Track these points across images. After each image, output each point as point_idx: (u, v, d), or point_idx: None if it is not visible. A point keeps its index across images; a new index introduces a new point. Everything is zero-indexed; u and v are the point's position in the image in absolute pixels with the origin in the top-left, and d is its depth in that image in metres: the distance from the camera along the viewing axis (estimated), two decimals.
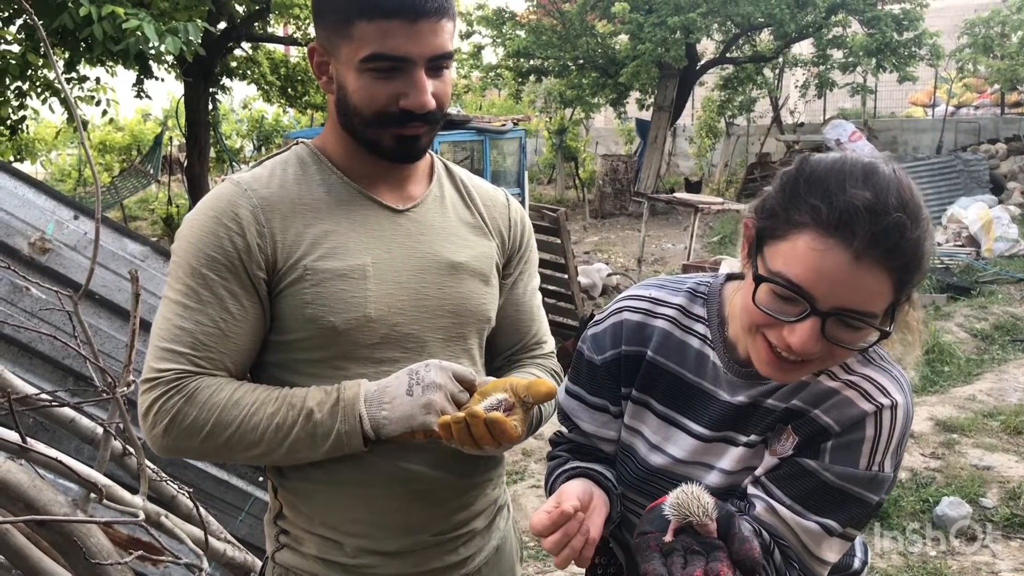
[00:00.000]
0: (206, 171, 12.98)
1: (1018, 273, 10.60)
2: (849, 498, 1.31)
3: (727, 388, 1.41)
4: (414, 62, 1.43)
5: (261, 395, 1.46)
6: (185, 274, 1.46)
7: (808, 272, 1.18)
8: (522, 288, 1.74)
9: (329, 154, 1.58)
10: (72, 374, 2.78)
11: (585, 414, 1.54)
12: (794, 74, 20.19)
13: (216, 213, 1.47)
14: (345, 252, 1.50)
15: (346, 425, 1.43)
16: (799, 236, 1.19)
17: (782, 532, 1.31)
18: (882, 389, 1.32)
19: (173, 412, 1.43)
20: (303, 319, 1.48)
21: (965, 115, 20.14)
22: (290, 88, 15.00)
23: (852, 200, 1.16)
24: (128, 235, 3.06)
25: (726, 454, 1.41)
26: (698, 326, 1.46)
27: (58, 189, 3.62)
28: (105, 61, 9.46)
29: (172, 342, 1.45)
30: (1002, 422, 5.94)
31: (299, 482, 1.57)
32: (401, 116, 1.47)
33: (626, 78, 16.88)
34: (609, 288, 10.44)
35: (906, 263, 1.18)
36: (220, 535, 2.41)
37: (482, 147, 12.07)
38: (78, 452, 2.49)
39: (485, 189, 1.73)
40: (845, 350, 1.24)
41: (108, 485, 1.96)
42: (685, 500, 1.15)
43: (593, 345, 1.52)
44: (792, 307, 1.21)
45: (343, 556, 1.57)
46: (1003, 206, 13.70)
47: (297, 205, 1.51)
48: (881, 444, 1.30)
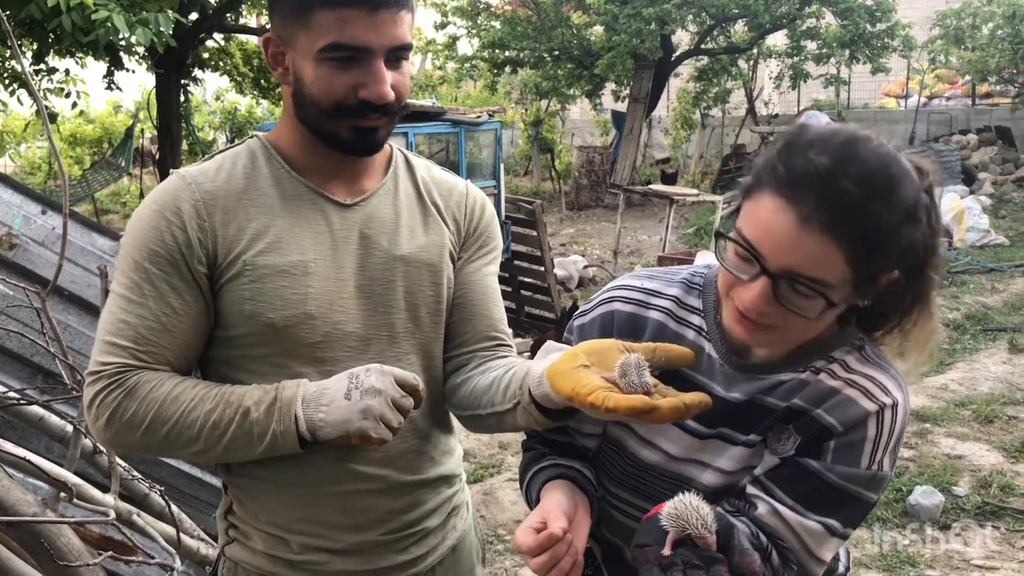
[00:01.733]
0: (179, 164, 12.85)
1: (989, 263, 10.72)
2: (850, 498, 1.30)
3: (722, 382, 1.39)
4: (373, 52, 1.42)
5: (200, 391, 1.45)
6: (129, 268, 1.46)
7: (759, 230, 1.22)
8: (478, 267, 1.67)
9: (282, 148, 1.56)
10: (41, 371, 2.74)
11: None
12: (768, 65, 20.29)
13: (159, 207, 1.47)
14: (287, 248, 1.48)
15: (281, 426, 1.42)
16: (762, 196, 1.23)
17: (783, 534, 1.30)
18: (883, 388, 1.31)
19: (114, 406, 1.42)
20: (243, 315, 1.47)
21: (937, 106, 20.34)
22: (263, 79, 14.88)
23: (810, 165, 1.19)
24: (97, 230, 3.03)
25: (724, 452, 1.38)
26: (694, 318, 1.44)
27: (28, 183, 3.58)
28: (74, 52, 9.34)
29: (115, 336, 1.44)
30: (973, 411, 6.01)
31: (245, 480, 1.57)
32: (359, 107, 1.45)
33: (601, 69, 16.90)
34: (585, 280, 10.46)
35: (858, 236, 1.18)
36: (193, 532, 2.39)
37: (457, 139, 12.01)
38: (48, 450, 2.46)
39: (444, 179, 1.70)
40: (800, 317, 1.23)
41: (78, 484, 1.94)
42: (683, 511, 1.13)
43: (580, 335, 1.48)
44: (749, 267, 1.24)
45: (289, 552, 1.57)
46: (974, 196, 13.86)
47: (242, 199, 1.50)
48: (882, 443, 1.30)
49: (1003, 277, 10.19)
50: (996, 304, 9.04)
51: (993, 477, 4.97)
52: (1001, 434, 5.69)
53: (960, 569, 4.14)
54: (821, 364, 1.34)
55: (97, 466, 2.26)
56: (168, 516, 2.20)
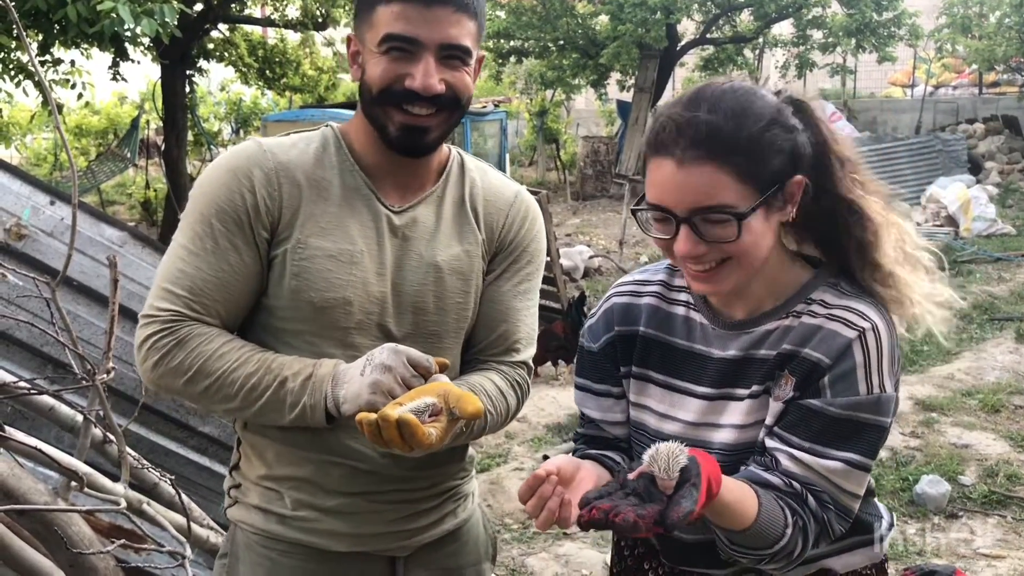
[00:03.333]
0: (184, 155, 12.84)
1: (996, 252, 10.70)
2: (860, 426, 1.36)
3: (718, 344, 1.49)
4: (424, 45, 1.50)
5: (246, 353, 1.53)
6: (195, 220, 1.54)
7: (656, 190, 1.36)
8: (504, 286, 1.70)
9: (351, 140, 1.64)
10: (51, 361, 2.76)
11: (591, 402, 1.62)
12: (774, 55, 20.19)
13: (232, 167, 1.56)
14: (339, 235, 1.56)
15: (312, 399, 1.49)
16: (648, 167, 1.38)
17: (811, 478, 1.37)
18: (860, 314, 1.39)
19: (164, 351, 1.51)
20: (286, 289, 1.55)
21: (944, 95, 20.26)
22: (268, 70, 14.83)
23: (668, 120, 1.35)
24: (106, 220, 3.03)
25: (733, 409, 1.46)
26: (681, 295, 1.56)
27: (34, 174, 3.58)
28: (80, 43, 9.31)
29: (172, 283, 1.53)
30: (980, 400, 6.01)
31: (257, 436, 1.64)
32: (404, 95, 1.51)
33: (607, 59, 16.83)
34: (591, 270, 10.44)
35: (730, 151, 1.30)
36: (203, 522, 2.40)
37: (463, 130, 12.02)
38: (58, 440, 2.48)
39: (494, 186, 1.74)
40: (729, 244, 1.33)
41: (89, 473, 1.95)
42: (660, 453, 1.21)
43: (590, 336, 1.62)
44: (669, 225, 1.36)
45: (282, 507, 1.63)
46: (981, 186, 13.82)
47: (309, 179, 1.58)
48: (873, 366, 1.37)
49: (1010, 266, 10.17)
50: (1003, 294, 9.02)
51: (1000, 466, 4.97)
52: (1008, 424, 5.68)
53: (966, 558, 4.14)
54: (801, 308, 1.44)
55: (107, 455, 2.27)
56: (178, 505, 2.21)
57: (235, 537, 1.70)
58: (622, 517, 1.16)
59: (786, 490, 1.37)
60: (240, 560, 1.68)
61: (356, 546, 1.65)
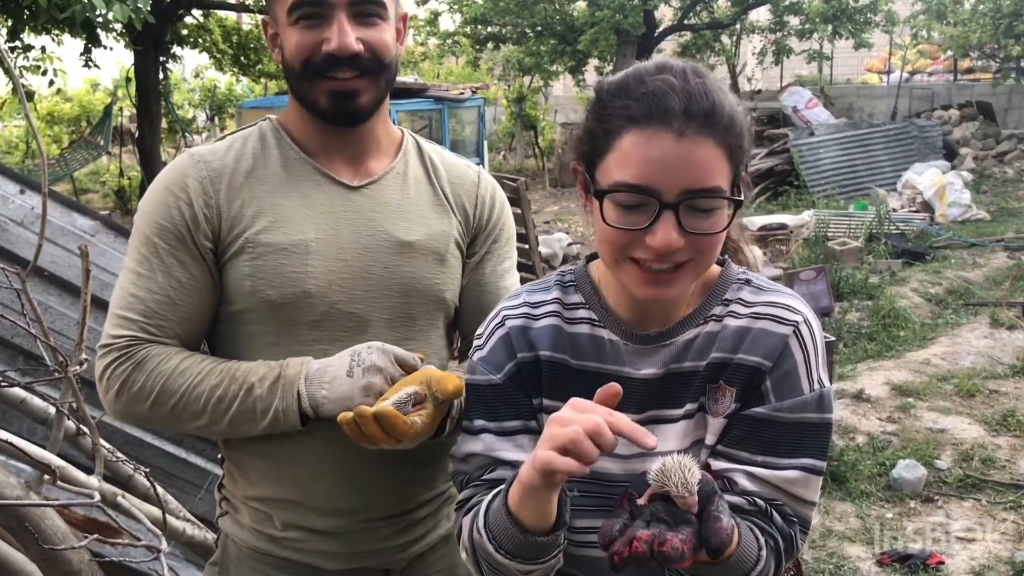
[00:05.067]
0: (158, 142, 12.73)
1: (970, 238, 10.79)
2: (810, 428, 1.26)
3: (632, 362, 1.32)
4: (332, 5, 1.46)
5: (207, 366, 1.48)
6: (139, 243, 1.51)
7: (642, 167, 1.18)
8: (489, 269, 1.68)
9: (289, 129, 1.59)
10: (22, 353, 2.72)
11: (504, 444, 1.34)
12: (751, 41, 20.25)
13: (167, 183, 1.52)
14: (289, 227, 1.51)
15: (283, 403, 1.45)
16: (620, 140, 1.20)
17: (771, 494, 1.25)
18: (787, 308, 1.29)
19: (123, 378, 1.47)
20: (244, 291, 1.51)
21: (919, 81, 20.38)
22: (243, 56, 14.71)
23: (654, 86, 1.19)
24: (77, 209, 2.99)
25: (666, 433, 1.29)
26: (580, 312, 1.37)
27: (4, 162, 3.53)
28: (50, 29, 9.20)
29: (125, 309, 1.49)
30: (955, 385, 6.06)
31: (240, 454, 1.60)
32: (325, 62, 1.47)
33: (584, 45, 16.81)
34: (570, 258, 10.44)
35: (726, 126, 1.19)
36: (179, 514, 2.37)
37: (440, 116, 11.96)
38: (30, 433, 2.44)
39: (455, 166, 1.71)
40: (708, 238, 1.21)
41: (62, 466, 1.92)
42: (670, 469, 1.10)
43: (488, 367, 1.37)
44: (642, 214, 1.19)
45: (273, 528, 1.60)
46: (956, 172, 13.92)
47: (249, 178, 1.53)
48: (811, 360, 1.27)
49: (984, 252, 10.26)
50: (977, 279, 9.10)
51: (975, 450, 5.03)
52: (983, 408, 5.74)
53: (942, 541, 4.19)
54: (720, 311, 1.31)
55: (80, 448, 2.23)
56: (153, 498, 2.18)
57: (226, 547, 1.67)
58: (669, 545, 1.04)
59: (750, 509, 1.24)
60: (231, 572, 1.65)
61: (351, 563, 1.61)
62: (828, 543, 4.19)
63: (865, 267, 9.32)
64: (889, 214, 10.86)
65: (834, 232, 10.36)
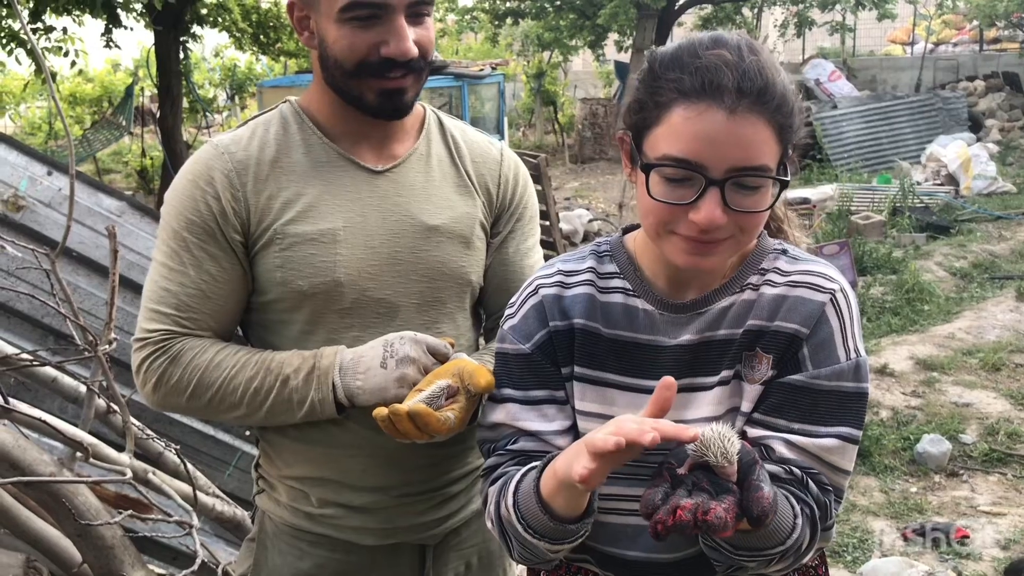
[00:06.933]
0: (179, 122, 12.75)
1: (996, 211, 10.67)
2: (847, 397, 1.26)
3: (668, 331, 1.32)
4: (393, 7, 1.42)
5: (242, 358, 1.49)
6: (168, 237, 1.51)
7: (691, 143, 1.17)
8: (513, 248, 1.68)
9: (312, 113, 1.58)
10: (52, 333, 2.75)
11: (529, 413, 1.36)
12: (773, 13, 20.01)
13: (193, 176, 1.51)
14: (317, 216, 1.50)
15: (319, 394, 1.46)
16: (670, 114, 1.19)
17: (807, 462, 1.25)
18: (825, 276, 1.29)
19: (160, 372, 1.48)
20: (275, 282, 1.51)
21: (943, 52, 20.09)
22: (262, 35, 14.67)
23: (708, 61, 1.17)
24: (103, 190, 3.01)
25: (700, 401, 1.31)
26: (615, 281, 1.37)
27: (28, 143, 3.56)
28: (72, 10, 9.22)
29: (158, 303, 1.49)
30: (981, 359, 6.02)
31: (275, 436, 1.62)
32: (382, 65, 1.45)
33: (604, 19, 16.67)
34: (591, 234, 10.41)
35: (778, 105, 1.18)
36: (208, 490, 2.41)
37: (460, 93, 11.93)
38: (61, 411, 2.48)
39: (478, 144, 1.69)
40: (751, 216, 1.21)
41: (94, 443, 1.95)
42: (709, 439, 1.10)
43: (517, 335, 1.38)
44: (688, 188, 1.19)
45: (309, 506, 1.62)
46: (981, 144, 13.75)
47: (274, 167, 1.52)
48: (848, 328, 1.27)
49: (1010, 225, 10.15)
50: (1003, 252, 9.01)
51: (1000, 424, 5.00)
52: (1008, 382, 5.70)
53: (967, 515, 4.18)
54: (756, 280, 1.31)
55: (111, 425, 2.27)
56: (183, 474, 2.22)
57: (264, 524, 1.69)
58: (713, 514, 1.03)
59: (786, 478, 1.24)
60: (268, 548, 1.67)
61: (386, 539, 1.63)
62: (852, 517, 4.18)
63: (889, 241, 9.24)
64: (913, 187, 10.75)
65: (857, 206, 10.27)
